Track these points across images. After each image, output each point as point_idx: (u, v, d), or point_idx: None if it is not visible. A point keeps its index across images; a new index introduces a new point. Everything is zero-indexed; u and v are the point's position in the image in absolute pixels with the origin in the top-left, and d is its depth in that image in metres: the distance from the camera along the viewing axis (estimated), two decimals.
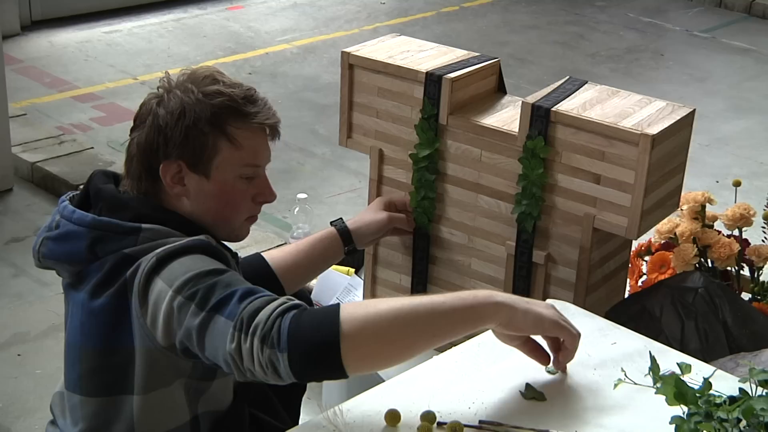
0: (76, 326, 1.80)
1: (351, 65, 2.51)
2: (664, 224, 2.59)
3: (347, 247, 2.35)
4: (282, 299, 1.61)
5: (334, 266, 2.88)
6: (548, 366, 1.81)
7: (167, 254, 1.70)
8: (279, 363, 1.55)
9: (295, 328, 1.55)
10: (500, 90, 2.55)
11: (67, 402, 1.86)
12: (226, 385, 1.86)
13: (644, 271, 2.66)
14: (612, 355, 1.89)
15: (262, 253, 2.25)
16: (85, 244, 1.76)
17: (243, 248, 3.85)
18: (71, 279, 1.82)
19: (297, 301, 1.62)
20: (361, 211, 2.51)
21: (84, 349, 1.79)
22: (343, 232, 2.35)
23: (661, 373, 1.59)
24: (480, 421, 1.68)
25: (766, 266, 2.63)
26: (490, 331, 1.98)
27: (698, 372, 1.69)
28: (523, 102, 2.29)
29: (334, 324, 1.55)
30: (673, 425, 1.53)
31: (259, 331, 1.56)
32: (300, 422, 2.03)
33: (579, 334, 1.78)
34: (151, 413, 1.77)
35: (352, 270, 2.96)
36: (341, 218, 2.41)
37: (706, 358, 2.08)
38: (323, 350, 1.55)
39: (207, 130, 1.80)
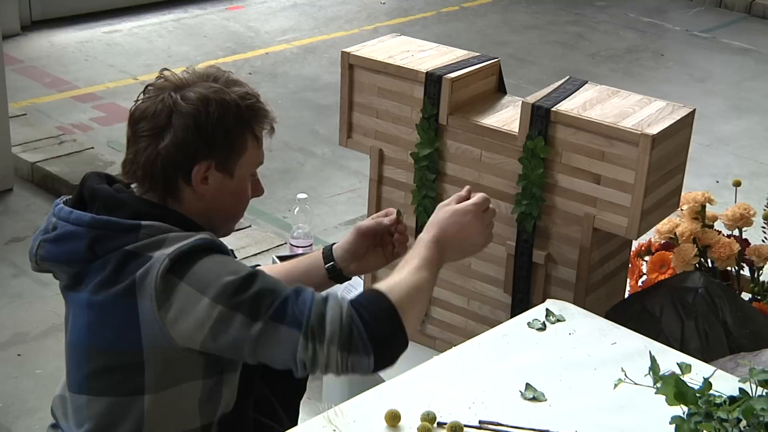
0: (81, 326, 1.79)
1: (351, 65, 2.51)
2: (664, 224, 2.59)
3: (327, 264, 2.13)
4: (333, 299, 1.70)
5: None
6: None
7: (179, 254, 1.71)
8: (363, 364, 1.67)
9: (372, 333, 1.67)
10: (500, 90, 2.55)
11: (70, 404, 1.85)
12: (233, 386, 1.87)
13: (644, 271, 2.66)
14: (612, 355, 1.89)
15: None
16: (84, 243, 1.75)
17: (243, 248, 3.86)
18: (69, 281, 1.82)
19: (349, 299, 1.72)
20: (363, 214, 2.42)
21: (90, 349, 1.78)
22: (325, 250, 2.16)
23: (661, 373, 1.59)
24: (480, 421, 1.68)
25: (766, 266, 2.63)
26: (489, 331, 1.98)
27: (698, 372, 1.69)
28: (523, 102, 2.29)
29: (399, 322, 1.70)
30: (673, 425, 1.53)
31: (336, 340, 1.65)
32: (300, 422, 2.03)
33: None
34: (162, 414, 1.78)
35: None
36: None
37: (706, 358, 2.08)
38: (400, 347, 1.70)
39: (243, 131, 1.84)
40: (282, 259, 2.62)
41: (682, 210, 2.62)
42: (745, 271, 2.64)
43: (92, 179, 1.85)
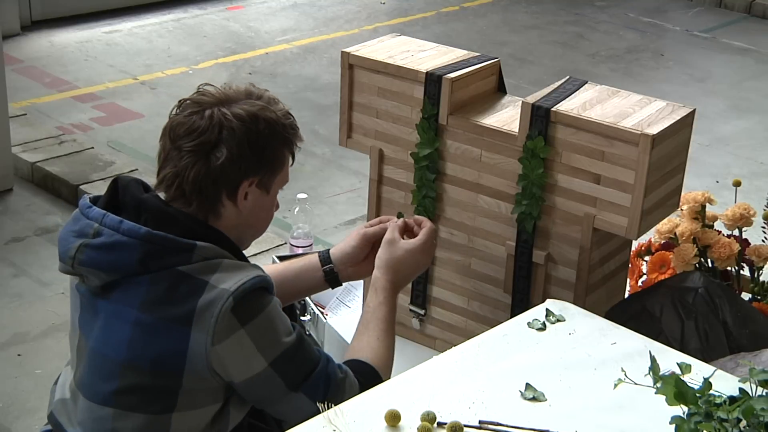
0: (120, 341, 1.77)
1: (351, 65, 2.51)
2: (664, 224, 2.59)
3: (325, 266, 2.20)
4: (350, 381, 1.87)
5: None
6: None
7: (242, 293, 1.74)
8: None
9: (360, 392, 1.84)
10: (500, 90, 2.55)
11: (86, 413, 1.82)
12: (245, 405, 1.90)
13: (644, 271, 2.66)
14: (612, 355, 1.89)
15: None
16: (136, 256, 1.74)
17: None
18: (101, 287, 1.79)
19: (354, 376, 1.88)
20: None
21: (128, 365, 1.77)
22: (322, 252, 2.24)
23: (661, 373, 1.59)
24: (480, 421, 1.68)
25: (766, 266, 2.63)
26: (489, 331, 1.99)
27: (698, 372, 1.69)
28: (523, 102, 2.29)
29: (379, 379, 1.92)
30: (673, 425, 1.53)
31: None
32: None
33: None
34: (184, 429, 1.80)
35: None
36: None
37: (706, 358, 2.08)
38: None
39: (284, 149, 1.89)
40: (282, 259, 2.62)
41: (682, 210, 2.62)
42: (745, 271, 2.64)
43: (134, 187, 1.84)
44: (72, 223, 1.83)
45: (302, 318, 2.61)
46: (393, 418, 1.66)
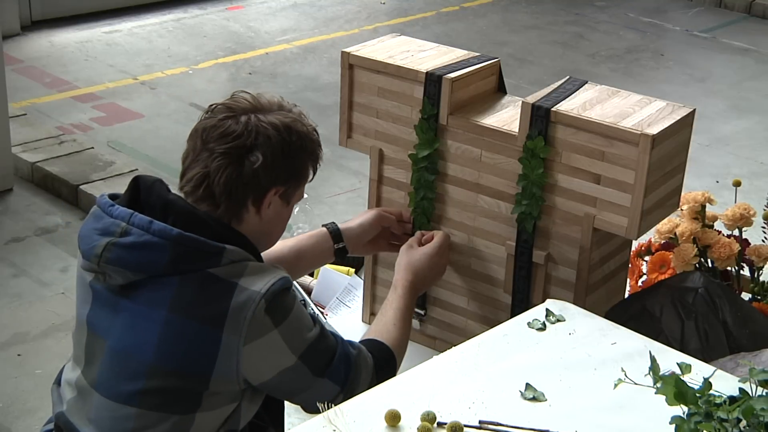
0: (147, 341, 1.77)
1: (351, 65, 2.51)
2: (664, 224, 2.59)
3: (336, 244, 2.37)
4: (363, 364, 1.92)
5: (334, 267, 2.88)
6: None
7: (273, 295, 1.76)
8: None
9: (379, 381, 1.88)
10: (500, 90, 2.55)
11: (103, 411, 1.81)
12: (257, 404, 1.92)
13: (644, 271, 2.66)
14: (612, 355, 1.89)
15: None
16: (167, 257, 1.74)
17: None
18: (124, 285, 1.78)
19: (371, 357, 1.96)
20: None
21: (157, 366, 1.76)
22: (332, 230, 2.38)
23: (661, 373, 1.59)
24: (480, 421, 1.68)
25: (766, 266, 2.63)
26: (489, 331, 1.99)
27: (698, 372, 1.69)
28: (523, 102, 2.29)
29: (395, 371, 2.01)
30: (673, 425, 1.53)
31: (354, 392, 1.86)
32: (293, 422, 2.04)
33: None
34: (202, 428, 1.81)
35: (352, 270, 2.96)
36: (333, 222, 2.44)
37: (706, 358, 2.08)
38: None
39: (308, 163, 1.94)
40: None
41: (682, 210, 2.62)
42: (745, 271, 2.64)
43: (159, 187, 1.84)
44: (93, 220, 1.81)
45: None
46: (393, 418, 1.66)
